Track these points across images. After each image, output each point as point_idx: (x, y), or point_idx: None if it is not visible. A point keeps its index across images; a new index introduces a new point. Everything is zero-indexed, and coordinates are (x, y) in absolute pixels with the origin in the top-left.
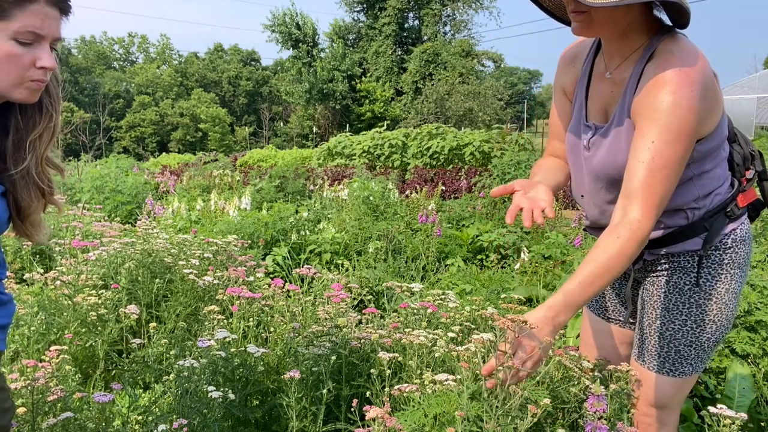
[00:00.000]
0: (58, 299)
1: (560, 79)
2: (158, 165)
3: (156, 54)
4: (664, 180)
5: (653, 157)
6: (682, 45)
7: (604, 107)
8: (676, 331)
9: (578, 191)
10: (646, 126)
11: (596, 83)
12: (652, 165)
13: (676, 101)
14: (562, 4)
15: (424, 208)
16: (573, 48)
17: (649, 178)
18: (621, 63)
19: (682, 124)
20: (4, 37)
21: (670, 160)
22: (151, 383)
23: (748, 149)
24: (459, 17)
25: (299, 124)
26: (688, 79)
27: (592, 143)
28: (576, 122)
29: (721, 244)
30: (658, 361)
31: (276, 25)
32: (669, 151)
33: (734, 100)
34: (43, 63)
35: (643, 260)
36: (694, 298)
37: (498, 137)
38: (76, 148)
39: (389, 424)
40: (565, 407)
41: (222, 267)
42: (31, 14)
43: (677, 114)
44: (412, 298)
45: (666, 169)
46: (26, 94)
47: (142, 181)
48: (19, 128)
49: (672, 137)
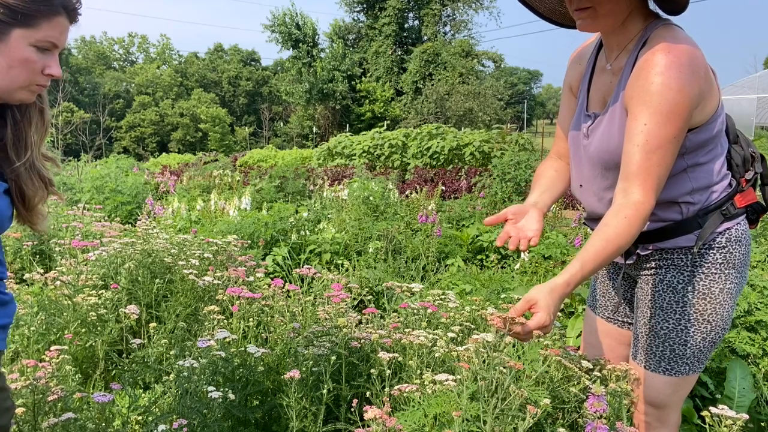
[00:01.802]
0: (58, 299)
1: (568, 78)
2: (158, 165)
3: (156, 54)
4: (660, 161)
5: (647, 140)
6: (675, 33)
7: (603, 97)
8: (671, 330)
9: (577, 182)
10: (638, 109)
11: (598, 76)
12: (647, 147)
13: (665, 82)
14: (557, 9)
15: (424, 208)
16: (580, 48)
17: (646, 161)
18: (619, 53)
19: (672, 104)
20: (25, 43)
21: (664, 140)
22: (151, 383)
23: (749, 151)
24: (459, 17)
25: (299, 124)
26: (677, 61)
27: (591, 130)
28: (579, 114)
29: (714, 242)
30: (654, 360)
31: (276, 26)
32: (662, 131)
33: (734, 100)
34: (52, 71)
35: (636, 254)
36: (688, 297)
37: (498, 137)
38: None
39: (389, 424)
40: (565, 407)
41: (222, 267)
42: (55, 26)
43: (667, 95)
44: (412, 298)
45: (661, 149)
46: (27, 96)
47: (142, 182)
48: (16, 120)
49: (663, 118)
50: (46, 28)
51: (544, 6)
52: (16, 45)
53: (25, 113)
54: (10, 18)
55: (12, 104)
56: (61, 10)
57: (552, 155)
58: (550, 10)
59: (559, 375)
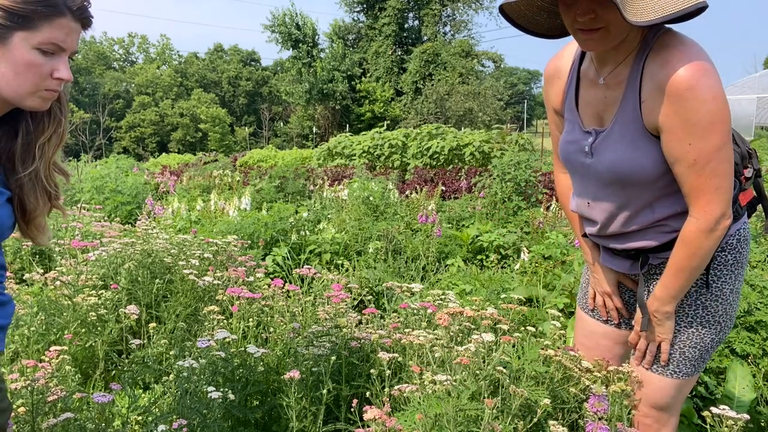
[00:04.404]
0: (57, 299)
1: (548, 95)
2: (158, 165)
3: (156, 54)
4: (713, 173)
5: (695, 159)
6: (680, 38)
7: (597, 113)
8: (681, 333)
9: (583, 200)
10: (676, 129)
11: (586, 90)
12: (697, 166)
13: (697, 96)
14: (539, 21)
15: (424, 209)
16: (552, 63)
17: (698, 179)
18: (615, 67)
19: (709, 115)
20: (27, 46)
21: (711, 153)
22: (151, 383)
23: (745, 148)
24: (459, 17)
25: (299, 125)
26: (701, 69)
27: (595, 148)
28: (572, 131)
29: (727, 245)
30: (661, 363)
31: (276, 26)
32: (708, 146)
33: (734, 100)
34: (61, 74)
35: (649, 264)
36: (701, 300)
37: (498, 137)
38: (76, 149)
39: (389, 424)
40: (565, 407)
41: (222, 267)
42: (58, 27)
43: (702, 109)
44: (412, 298)
45: (711, 162)
46: (39, 103)
47: (142, 182)
48: (29, 131)
49: (705, 132)
50: (48, 30)
51: (526, 19)
52: (18, 49)
53: (39, 124)
54: (8, 21)
55: (27, 115)
56: (64, 10)
57: (559, 172)
58: (529, 20)
59: (559, 375)
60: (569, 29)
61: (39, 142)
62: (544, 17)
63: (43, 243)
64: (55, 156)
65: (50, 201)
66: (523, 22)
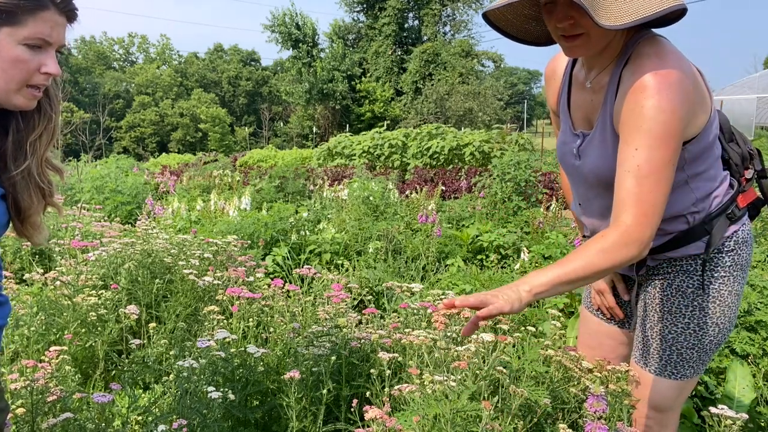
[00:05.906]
0: (57, 299)
1: (547, 95)
2: (158, 165)
3: (156, 54)
4: (654, 186)
5: (639, 165)
6: (658, 47)
7: (586, 115)
8: (679, 334)
9: (576, 201)
10: (628, 134)
11: (576, 93)
12: (639, 173)
13: (656, 105)
14: (528, 29)
15: (424, 208)
16: (551, 63)
17: (637, 187)
18: (601, 71)
19: (665, 127)
20: (13, 42)
21: (657, 165)
22: (151, 383)
23: (746, 148)
24: (459, 17)
25: (299, 124)
26: (665, 81)
27: (581, 151)
28: (564, 133)
29: (723, 246)
30: (660, 364)
31: (276, 26)
32: (655, 156)
33: (734, 100)
34: (49, 69)
35: (646, 266)
36: (698, 301)
37: (498, 137)
38: (76, 149)
39: (389, 424)
40: (565, 407)
41: (222, 267)
42: (42, 21)
43: (659, 118)
44: (412, 298)
45: (654, 175)
46: (24, 102)
47: (142, 182)
48: (19, 129)
49: (656, 142)
50: (32, 24)
51: (515, 28)
52: (4, 45)
53: (29, 121)
54: None
55: (17, 112)
56: (48, 3)
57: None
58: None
59: (559, 375)
60: (554, 36)
61: (30, 139)
62: (533, 25)
63: (40, 242)
64: (47, 152)
65: (44, 198)
66: (513, 31)
